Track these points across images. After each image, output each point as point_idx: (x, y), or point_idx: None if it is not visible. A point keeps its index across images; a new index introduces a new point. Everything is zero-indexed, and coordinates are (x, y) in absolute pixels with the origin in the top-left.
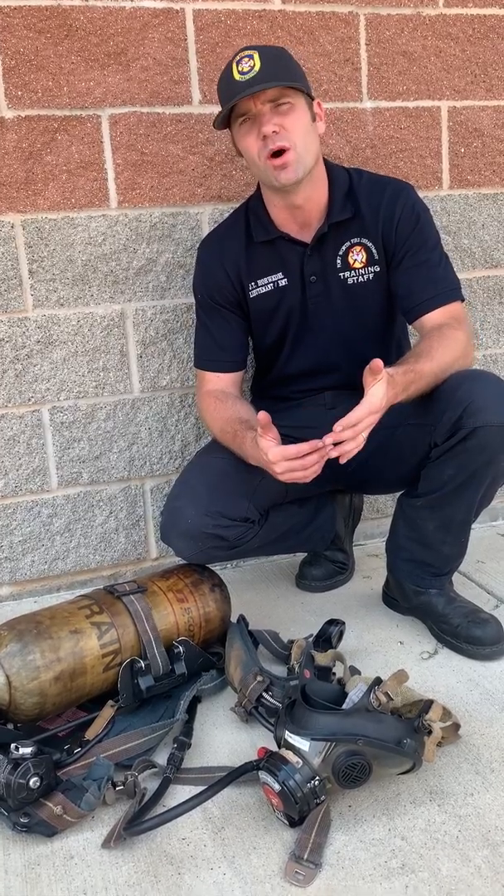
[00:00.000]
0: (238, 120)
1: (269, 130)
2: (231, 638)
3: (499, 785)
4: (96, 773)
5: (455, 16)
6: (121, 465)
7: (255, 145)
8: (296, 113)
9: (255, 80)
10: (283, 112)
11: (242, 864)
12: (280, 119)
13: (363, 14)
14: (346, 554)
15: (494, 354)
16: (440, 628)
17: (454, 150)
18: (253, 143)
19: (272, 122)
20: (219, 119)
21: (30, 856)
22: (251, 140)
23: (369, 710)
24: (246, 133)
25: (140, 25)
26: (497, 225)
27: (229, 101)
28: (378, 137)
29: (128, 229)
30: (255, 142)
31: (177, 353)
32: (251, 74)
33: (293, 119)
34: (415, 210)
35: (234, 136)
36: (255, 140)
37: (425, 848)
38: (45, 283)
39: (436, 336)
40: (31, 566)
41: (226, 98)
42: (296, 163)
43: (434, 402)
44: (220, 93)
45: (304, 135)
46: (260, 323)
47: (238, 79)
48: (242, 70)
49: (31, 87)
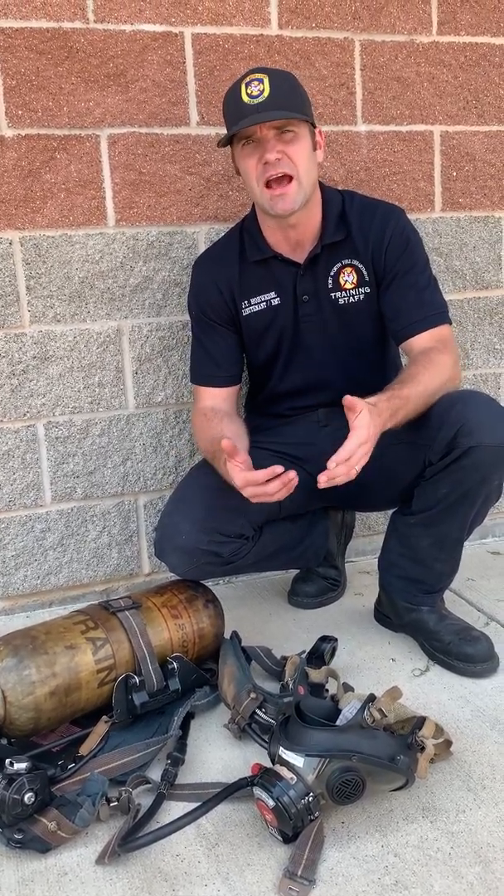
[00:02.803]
0: (241, 141)
1: (273, 158)
2: (224, 654)
3: (490, 801)
4: (90, 788)
5: (448, 43)
6: (115, 480)
7: (256, 168)
8: (299, 142)
9: (264, 106)
10: (286, 140)
11: (236, 880)
12: (283, 147)
13: (358, 40)
14: (339, 570)
15: (485, 374)
16: (432, 645)
17: (446, 174)
18: (253, 167)
19: (276, 149)
20: (223, 139)
21: (23, 872)
22: (252, 163)
23: (363, 727)
24: (248, 155)
25: (139, 48)
26: (488, 247)
27: (236, 123)
28: (372, 160)
29: (125, 247)
30: (256, 165)
31: (172, 369)
32: (260, 99)
33: (296, 148)
34: (404, 233)
35: (235, 156)
36: (257, 164)
37: (418, 864)
38: (43, 299)
39: (422, 361)
40: (24, 581)
41: (233, 119)
42: (295, 194)
43: (428, 422)
44: (227, 112)
45: (306, 164)
46: (253, 341)
47: (247, 101)
48: (251, 93)
49: (32, 106)
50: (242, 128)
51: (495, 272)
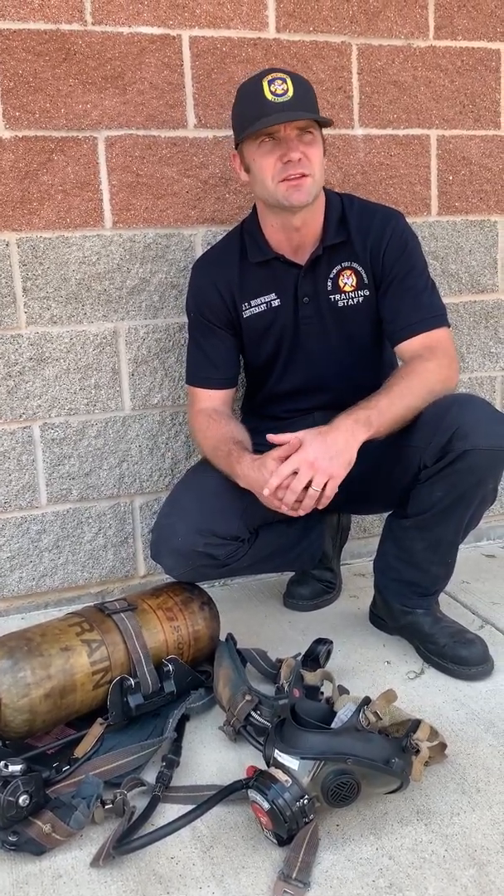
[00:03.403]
0: (259, 138)
1: (297, 157)
2: (220, 656)
3: (484, 804)
4: (85, 791)
5: (445, 48)
6: (111, 482)
7: (274, 166)
8: (316, 145)
9: (290, 105)
10: (306, 142)
11: (231, 883)
12: (305, 148)
13: (356, 44)
14: (334, 573)
15: (480, 377)
16: (426, 648)
17: (443, 178)
18: (271, 164)
19: (299, 149)
20: (246, 132)
21: (18, 874)
22: (270, 160)
23: (358, 730)
24: (267, 153)
25: (137, 50)
26: (483, 251)
27: (258, 119)
28: (369, 164)
29: (122, 249)
30: (275, 163)
31: (168, 371)
32: (285, 98)
33: (314, 151)
34: (403, 237)
35: (247, 152)
36: (276, 161)
37: (413, 867)
38: (39, 300)
39: (402, 371)
40: (19, 582)
41: (254, 115)
42: (310, 187)
43: (424, 425)
44: (246, 108)
45: (320, 167)
46: (252, 342)
47: (271, 99)
48: (276, 91)
49: (29, 108)
50: (272, 124)
51: (491, 276)
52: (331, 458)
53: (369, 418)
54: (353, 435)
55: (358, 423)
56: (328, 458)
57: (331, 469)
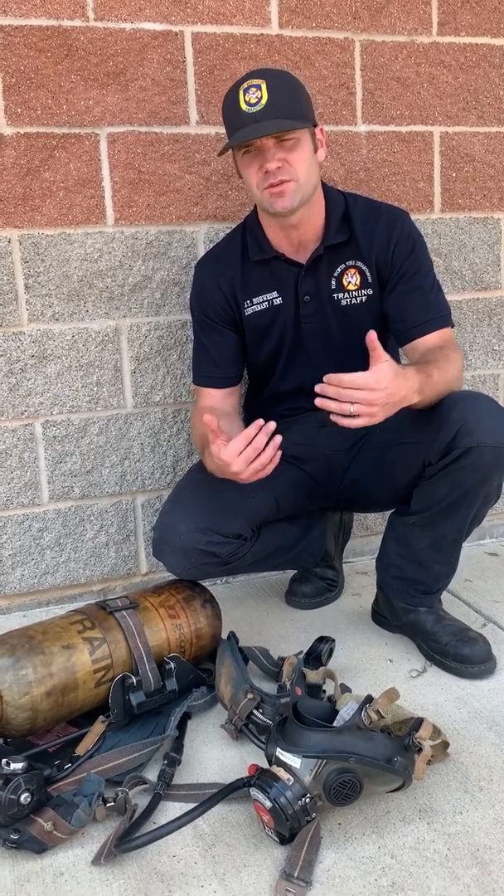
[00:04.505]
0: (241, 149)
1: (273, 167)
2: (221, 654)
3: (487, 803)
4: (87, 789)
5: (448, 44)
6: (112, 479)
7: (256, 176)
8: (299, 148)
9: (262, 114)
10: (287, 147)
11: (233, 881)
12: (284, 154)
13: (359, 40)
14: (336, 571)
15: (483, 375)
16: (429, 646)
17: (446, 175)
18: (254, 174)
19: (276, 157)
20: (222, 149)
21: (19, 872)
22: (252, 171)
23: (360, 728)
24: (248, 164)
25: (139, 47)
26: (487, 248)
27: (235, 131)
28: (371, 161)
29: (124, 246)
30: (257, 173)
31: (170, 369)
32: (258, 107)
33: (297, 155)
34: (410, 237)
35: (237, 160)
36: (257, 171)
37: (415, 866)
38: (41, 298)
39: (440, 354)
40: (21, 580)
41: (232, 128)
42: (293, 193)
43: (429, 422)
44: (226, 119)
45: (307, 169)
46: (254, 340)
47: (245, 109)
48: (250, 101)
49: (31, 104)
50: (239, 141)
51: (494, 273)
52: (388, 408)
53: (423, 388)
54: (407, 397)
55: (413, 390)
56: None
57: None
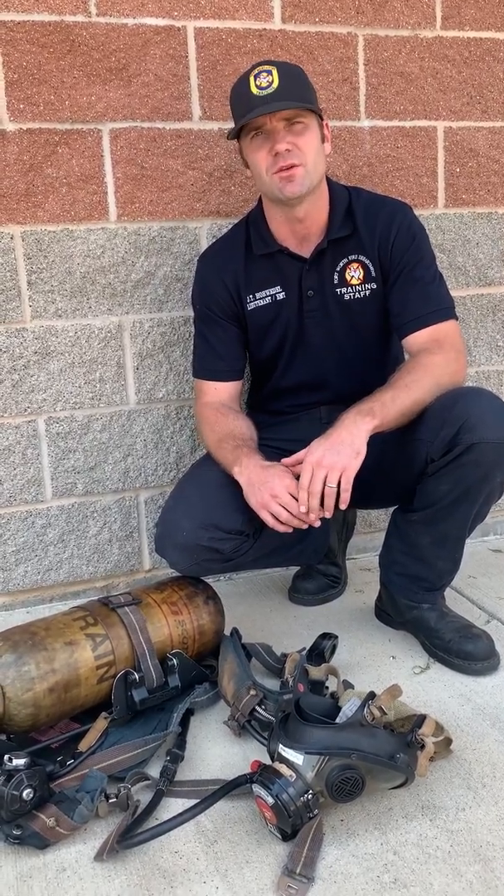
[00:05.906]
0: (250, 133)
1: (283, 148)
2: (224, 651)
3: (490, 800)
4: (89, 785)
5: (452, 38)
6: (115, 476)
7: (265, 160)
8: (309, 133)
9: (273, 97)
10: (296, 131)
11: (235, 877)
12: (293, 138)
13: (362, 35)
14: (339, 568)
15: (487, 371)
16: (432, 643)
17: (450, 170)
18: (263, 158)
19: (286, 140)
20: (233, 131)
21: (22, 868)
22: (262, 154)
23: (363, 725)
24: (257, 147)
25: (142, 42)
26: (491, 243)
27: (245, 115)
28: (375, 156)
29: (126, 242)
30: (266, 157)
31: (173, 365)
32: (269, 90)
33: (306, 139)
34: (411, 229)
35: (244, 148)
36: (266, 155)
37: (417, 863)
38: (44, 294)
39: (409, 366)
40: (24, 576)
41: (242, 111)
42: (303, 177)
43: (431, 419)
44: (235, 105)
45: (315, 155)
46: (257, 335)
47: (256, 93)
48: (260, 85)
49: (34, 100)
50: (252, 118)
51: (498, 269)
52: (337, 451)
53: (372, 409)
54: (355, 426)
55: (360, 414)
56: (334, 452)
57: (339, 461)
